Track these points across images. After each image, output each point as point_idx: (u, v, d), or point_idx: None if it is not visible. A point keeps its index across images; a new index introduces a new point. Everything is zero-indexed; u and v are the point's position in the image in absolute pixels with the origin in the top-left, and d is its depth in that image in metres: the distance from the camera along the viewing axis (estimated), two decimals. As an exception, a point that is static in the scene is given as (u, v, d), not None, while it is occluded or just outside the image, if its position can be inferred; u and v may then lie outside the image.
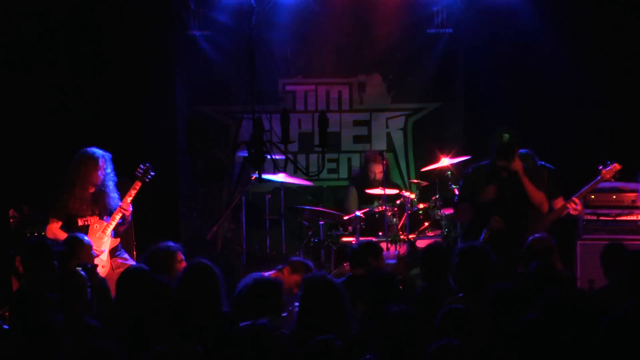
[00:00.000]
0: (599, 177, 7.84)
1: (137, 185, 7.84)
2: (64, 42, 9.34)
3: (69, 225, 7.62)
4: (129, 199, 7.79)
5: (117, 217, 7.73)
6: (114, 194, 7.81)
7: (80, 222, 7.68)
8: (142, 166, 7.94)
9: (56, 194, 7.77)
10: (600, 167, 7.86)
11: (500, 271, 5.89)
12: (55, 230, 7.65)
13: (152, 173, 7.93)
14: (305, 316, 5.44)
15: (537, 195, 7.55)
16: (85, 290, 5.65)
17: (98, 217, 7.73)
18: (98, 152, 7.80)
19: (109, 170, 7.83)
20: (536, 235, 6.72)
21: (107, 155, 7.84)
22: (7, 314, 6.89)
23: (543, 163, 7.89)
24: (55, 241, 7.38)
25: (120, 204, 7.76)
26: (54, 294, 5.83)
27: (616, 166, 7.83)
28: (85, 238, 6.94)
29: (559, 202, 7.83)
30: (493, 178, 7.55)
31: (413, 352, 4.50)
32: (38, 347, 4.83)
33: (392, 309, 4.80)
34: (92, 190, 7.76)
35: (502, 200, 7.49)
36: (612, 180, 7.92)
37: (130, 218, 7.88)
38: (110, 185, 7.83)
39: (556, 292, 4.87)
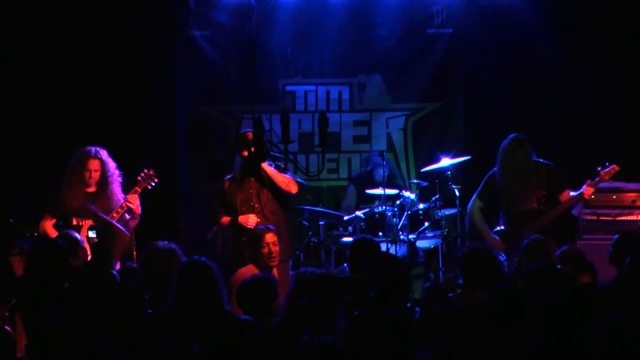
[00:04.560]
0: (598, 179, 7.86)
1: (138, 190, 7.75)
2: (64, 42, 9.34)
3: (66, 223, 7.59)
4: (132, 197, 7.71)
5: (117, 215, 7.65)
6: (115, 196, 7.71)
7: (74, 222, 7.62)
8: (145, 171, 7.82)
9: (56, 191, 7.76)
10: (599, 169, 7.87)
11: None
12: (47, 227, 7.62)
13: (155, 180, 7.81)
14: (292, 310, 5.54)
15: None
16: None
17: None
18: (93, 150, 7.74)
19: (106, 170, 7.73)
20: (532, 236, 6.74)
21: (104, 154, 7.77)
22: (7, 314, 6.90)
23: (540, 160, 7.90)
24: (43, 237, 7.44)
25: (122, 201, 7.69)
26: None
27: (615, 168, 7.85)
28: (78, 236, 6.89)
29: (565, 196, 7.85)
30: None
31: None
32: (43, 346, 4.85)
33: (385, 313, 4.84)
34: (90, 189, 7.71)
35: None
36: (611, 182, 7.95)
37: (139, 212, 7.75)
38: (111, 186, 7.73)
39: (556, 291, 4.87)
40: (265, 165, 7.65)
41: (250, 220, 7.71)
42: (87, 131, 9.20)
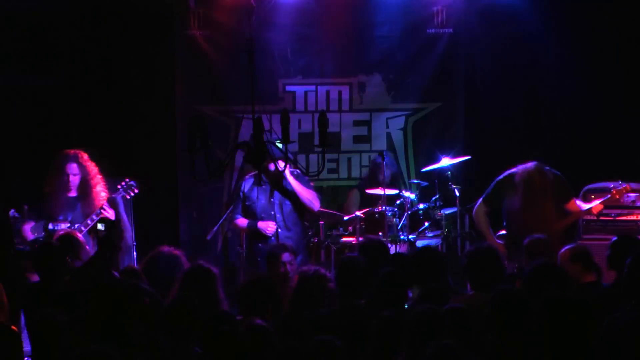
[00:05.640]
0: (609, 196, 7.94)
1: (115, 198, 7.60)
2: (64, 42, 9.34)
3: (44, 227, 7.51)
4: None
5: (91, 223, 7.48)
6: (96, 202, 7.57)
7: (50, 226, 7.53)
8: (127, 180, 7.68)
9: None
10: (612, 186, 7.96)
11: None
12: (24, 231, 7.56)
13: (135, 190, 7.70)
14: (295, 308, 5.64)
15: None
16: None
17: (70, 224, 7.51)
18: (72, 153, 7.64)
19: (86, 173, 7.61)
20: (535, 236, 6.75)
21: (83, 157, 7.67)
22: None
23: (549, 168, 7.92)
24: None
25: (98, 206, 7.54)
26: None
27: (627, 187, 7.94)
28: (80, 236, 6.83)
29: (572, 205, 7.88)
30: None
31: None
32: (39, 344, 4.87)
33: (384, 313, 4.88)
34: (71, 194, 7.60)
35: None
36: (621, 200, 8.04)
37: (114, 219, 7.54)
38: (92, 190, 7.59)
39: (557, 292, 4.87)
40: (291, 179, 7.75)
41: (270, 227, 7.75)
42: (87, 131, 9.21)
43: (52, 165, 7.70)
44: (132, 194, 7.73)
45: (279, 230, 7.81)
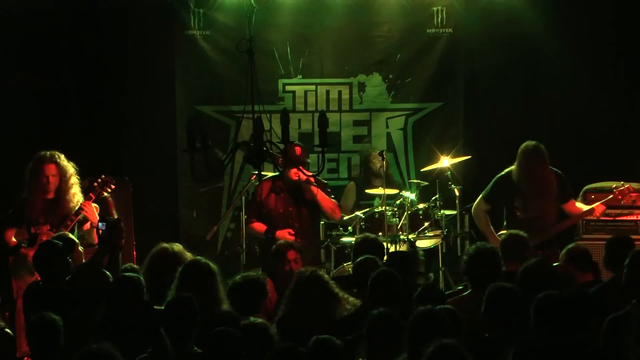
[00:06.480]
0: (611, 197, 7.92)
1: (92, 197, 7.47)
2: (64, 42, 9.34)
3: (27, 231, 7.45)
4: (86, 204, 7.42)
5: (70, 223, 7.37)
6: (73, 204, 7.46)
7: (32, 230, 7.42)
8: (103, 177, 7.55)
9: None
10: (614, 186, 7.95)
11: None
12: (8, 237, 7.47)
13: (112, 187, 7.56)
14: (292, 310, 5.67)
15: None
16: None
17: (50, 227, 7.39)
18: (49, 154, 7.52)
19: (64, 174, 7.48)
20: (511, 232, 6.74)
21: (61, 157, 7.54)
22: (7, 314, 6.90)
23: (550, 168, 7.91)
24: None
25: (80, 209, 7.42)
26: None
27: (630, 187, 7.93)
28: (75, 238, 6.80)
29: (571, 206, 7.86)
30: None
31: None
32: (39, 345, 4.87)
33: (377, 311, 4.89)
34: (49, 196, 7.50)
35: None
36: (623, 201, 8.03)
37: (96, 220, 7.32)
38: (70, 192, 7.49)
39: (552, 292, 4.86)
40: (314, 188, 7.75)
41: (288, 237, 7.74)
42: (87, 131, 9.21)
43: (30, 167, 7.53)
44: (109, 191, 7.62)
45: (299, 240, 7.79)
